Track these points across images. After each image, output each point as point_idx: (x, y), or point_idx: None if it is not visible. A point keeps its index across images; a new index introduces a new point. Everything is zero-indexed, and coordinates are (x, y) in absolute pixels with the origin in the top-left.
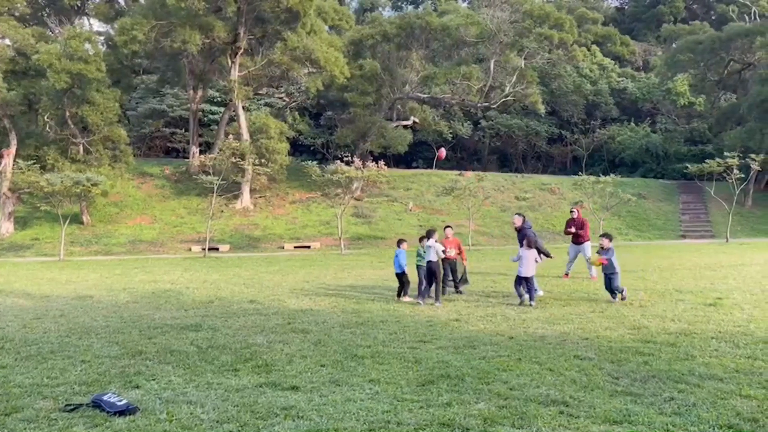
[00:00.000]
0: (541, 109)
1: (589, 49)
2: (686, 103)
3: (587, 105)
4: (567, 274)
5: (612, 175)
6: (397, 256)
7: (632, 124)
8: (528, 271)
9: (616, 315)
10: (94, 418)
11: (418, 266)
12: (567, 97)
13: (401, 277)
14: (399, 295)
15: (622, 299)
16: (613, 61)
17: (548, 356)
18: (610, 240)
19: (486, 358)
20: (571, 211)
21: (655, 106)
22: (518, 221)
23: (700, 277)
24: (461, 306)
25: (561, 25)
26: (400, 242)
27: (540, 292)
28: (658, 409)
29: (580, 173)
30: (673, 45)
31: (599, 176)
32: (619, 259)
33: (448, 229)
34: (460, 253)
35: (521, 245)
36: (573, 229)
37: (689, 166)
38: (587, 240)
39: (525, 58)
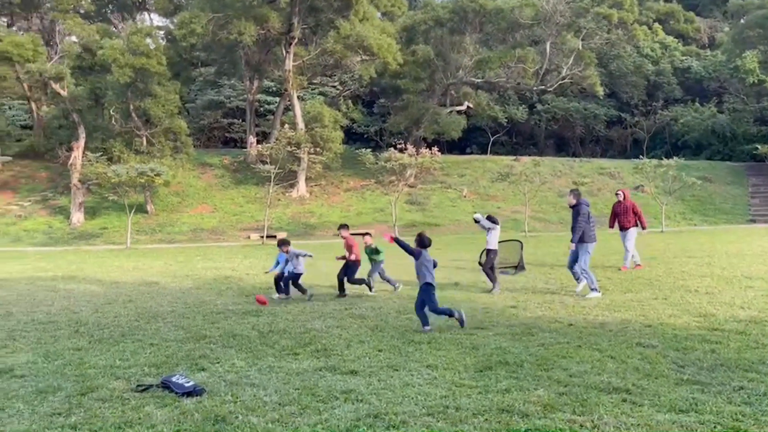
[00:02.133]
0: (600, 91)
1: (650, 28)
2: (756, 80)
3: (648, 86)
4: (638, 265)
5: (675, 158)
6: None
7: (697, 104)
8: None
9: (681, 302)
10: (163, 398)
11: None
12: (627, 79)
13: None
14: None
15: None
16: (676, 40)
17: (609, 343)
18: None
19: (545, 344)
20: (617, 194)
21: (721, 85)
22: (573, 199)
23: None
24: (518, 293)
25: (621, 4)
26: (282, 244)
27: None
28: (727, 399)
29: (641, 157)
30: (741, 20)
31: (661, 159)
32: (684, 245)
33: (342, 230)
34: (351, 250)
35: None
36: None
37: (759, 147)
38: (633, 226)
39: (582, 39)
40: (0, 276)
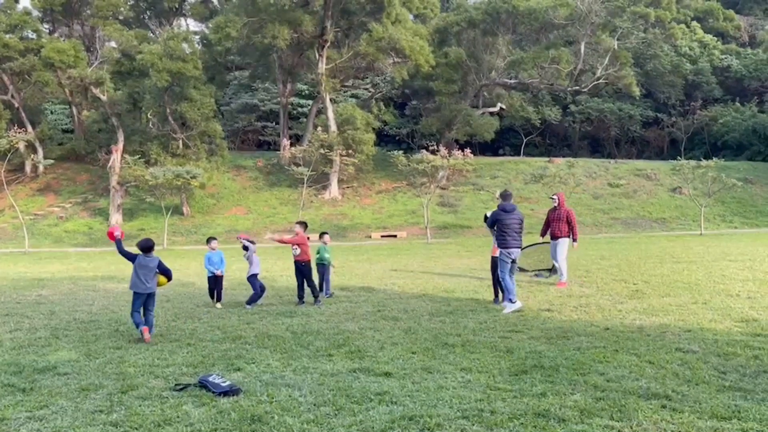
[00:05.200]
0: (636, 91)
1: (688, 26)
2: None
3: (686, 85)
4: (561, 282)
5: (715, 159)
6: (209, 258)
7: (737, 104)
8: (255, 268)
9: (722, 307)
10: (201, 397)
11: (317, 264)
12: (664, 78)
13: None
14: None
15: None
16: (715, 38)
17: (647, 348)
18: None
19: (581, 349)
20: (552, 198)
21: (763, 84)
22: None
23: None
24: (552, 296)
25: (658, 2)
26: (210, 240)
27: (518, 304)
28: None
29: (678, 158)
30: None
31: (700, 160)
32: (724, 248)
33: (297, 226)
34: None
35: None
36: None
37: None
38: (566, 236)
39: (618, 39)
40: (44, 276)
